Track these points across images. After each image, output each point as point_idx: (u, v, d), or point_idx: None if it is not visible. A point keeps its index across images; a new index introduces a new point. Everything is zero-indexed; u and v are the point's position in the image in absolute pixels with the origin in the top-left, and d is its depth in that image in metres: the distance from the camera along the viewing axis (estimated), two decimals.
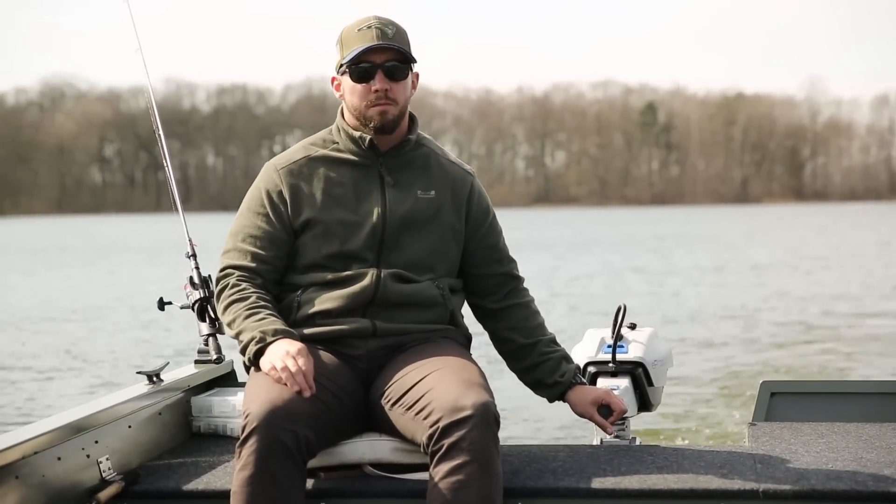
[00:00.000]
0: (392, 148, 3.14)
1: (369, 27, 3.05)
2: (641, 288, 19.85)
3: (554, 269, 25.35)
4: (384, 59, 3.04)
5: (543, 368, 3.22)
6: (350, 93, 3.08)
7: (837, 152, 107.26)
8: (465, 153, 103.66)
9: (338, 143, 3.17)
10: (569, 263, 27.34)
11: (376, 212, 3.10)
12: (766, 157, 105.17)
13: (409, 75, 3.09)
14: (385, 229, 3.09)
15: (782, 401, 3.76)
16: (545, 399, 3.28)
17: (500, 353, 3.30)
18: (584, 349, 3.54)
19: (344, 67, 3.07)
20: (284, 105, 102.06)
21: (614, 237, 41.92)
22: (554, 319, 13.53)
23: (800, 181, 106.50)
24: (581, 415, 3.22)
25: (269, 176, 3.17)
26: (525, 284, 3.32)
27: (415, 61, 3.09)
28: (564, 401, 3.24)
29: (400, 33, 3.08)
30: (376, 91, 3.04)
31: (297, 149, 3.21)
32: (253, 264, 3.09)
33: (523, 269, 3.31)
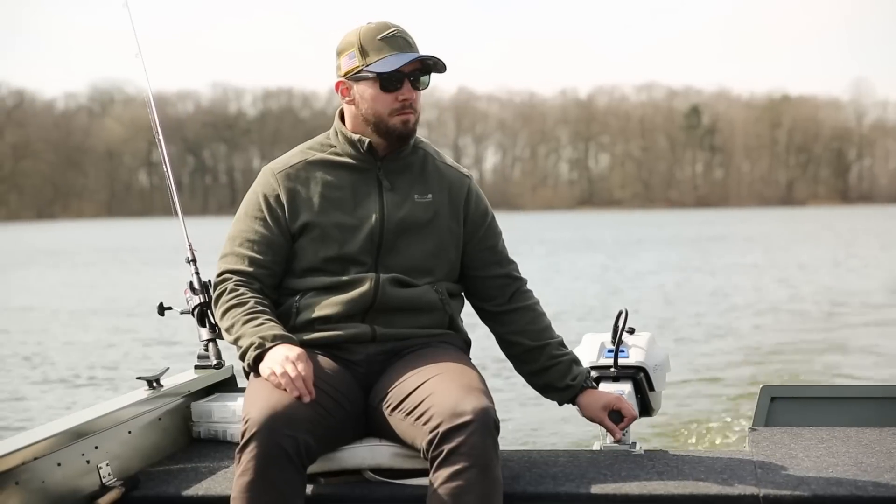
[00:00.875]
0: (390, 152, 3.15)
1: (392, 35, 3.05)
2: (674, 289, 19.82)
3: (605, 266, 25.21)
4: (412, 69, 3.05)
5: (554, 372, 3.21)
6: (372, 100, 3.07)
7: (884, 154, 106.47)
8: (509, 156, 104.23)
9: (335, 146, 3.17)
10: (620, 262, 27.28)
11: (374, 216, 3.10)
12: (811, 160, 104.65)
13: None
14: (383, 233, 3.09)
15: (783, 406, 3.75)
16: (555, 402, 3.27)
17: (508, 356, 3.29)
18: (583, 354, 3.53)
19: (369, 75, 3.05)
20: (329, 109, 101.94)
21: (660, 238, 41.75)
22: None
23: (845, 183, 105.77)
24: (591, 419, 3.22)
25: (266, 180, 3.17)
26: (528, 286, 3.32)
27: (444, 71, 3.09)
28: (575, 404, 3.24)
29: (414, 41, 3.09)
30: (403, 100, 3.05)
31: (295, 153, 3.21)
32: (251, 269, 3.09)
33: (577, 269, 3.30)
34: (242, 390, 3.75)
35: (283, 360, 2.84)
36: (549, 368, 3.22)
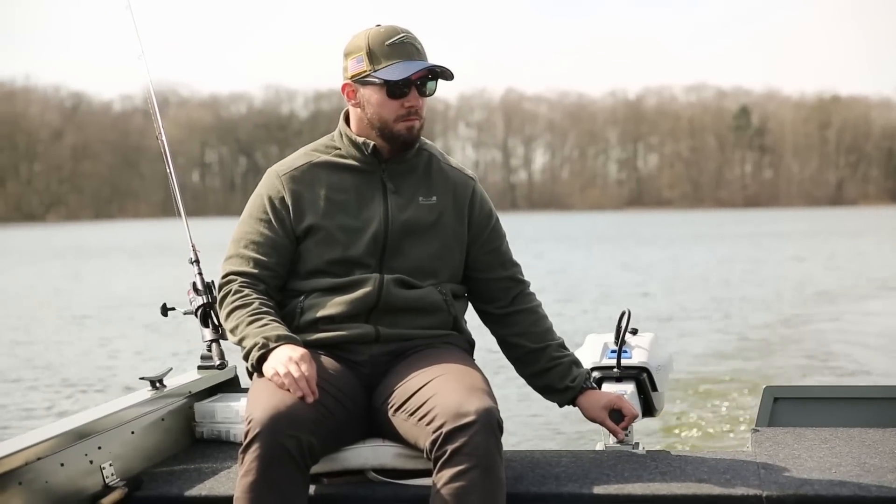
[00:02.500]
0: (394, 154, 3.15)
1: (401, 42, 3.04)
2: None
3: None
4: (419, 76, 3.04)
5: (554, 373, 3.22)
6: (378, 105, 3.07)
7: None
8: (558, 156, 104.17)
9: (340, 149, 3.17)
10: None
11: (378, 218, 3.10)
12: (861, 159, 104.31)
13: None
14: (387, 235, 3.09)
15: (786, 406, 3.75)
16: (555, 404, 3.27)
17: (509, 358, 3.30)
18: (586, 354, 3.53)
19: (377, 80, 3.05)
20: None
21: (711, 238, 41.68)
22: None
23: None
24: (592, 419, 3.22)
25: (271, 182, 3.17)
26: (531, 289, 3.32)
27: (451, 78, 3.09)
28: (575, 405, 3.24)
29: (423, 47, 3.09)
30: (409, 107, 3.05)
31: (299, 155, 3.21)
32: (255, 270, 3.09)
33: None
34: (245, 391, 3.75)
35: (287, 360, 2.84)
36: (550, 370, 3.22)
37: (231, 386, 3.95)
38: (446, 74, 3.08)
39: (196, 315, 3.74)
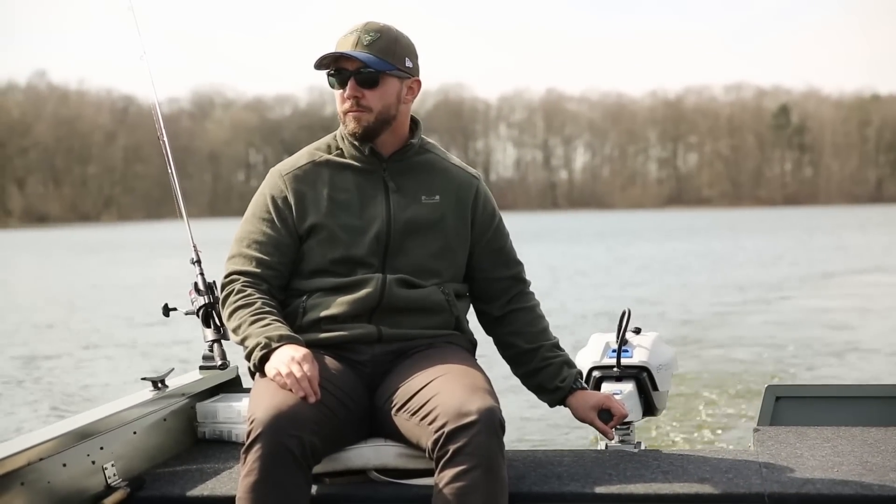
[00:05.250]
0: (395, 153, 3.15)
1: (352, 33, 3.05)
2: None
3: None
4: (356, 67, 3.03)
5: (545, 373, 3.22)
6: (335, 101, 3.09)
7: None
8: (598, 156, 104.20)
9: (342, 148, 3.17)
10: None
11: (381, 217, 3.10)
12: None
13: (388, 83, 3.04)
14: (390, 234, 3.09)
15: (788, 405, 3.75)
16: (546, 404, 3.28)
17: (504, 358, 3.30)
18: (588, 354, 3.53)
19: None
20: (422, 110, 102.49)
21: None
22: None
23: None
24: (582, 420, 3.22)
25: (273, 181, 3.17)
26: (531, 288, 3.32)
27: (386, 70, 3.03)
28: (565, 406, 3.24)
29: (382, 41, 3.04)
30: (346, 98, 3.05)
31: (302, 154, 3.21)
32: (258, 270, 3.09)
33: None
34: (247, 391, 3.75)
35: (289, 360, 2.84)
36: (541, 370, 3.22)
37: (233, 386, 3.95)
38: (368, 62, 2.99)
39: (198, 315, 3.74)
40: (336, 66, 3.05)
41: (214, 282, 3.66)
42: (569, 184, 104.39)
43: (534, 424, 7.75)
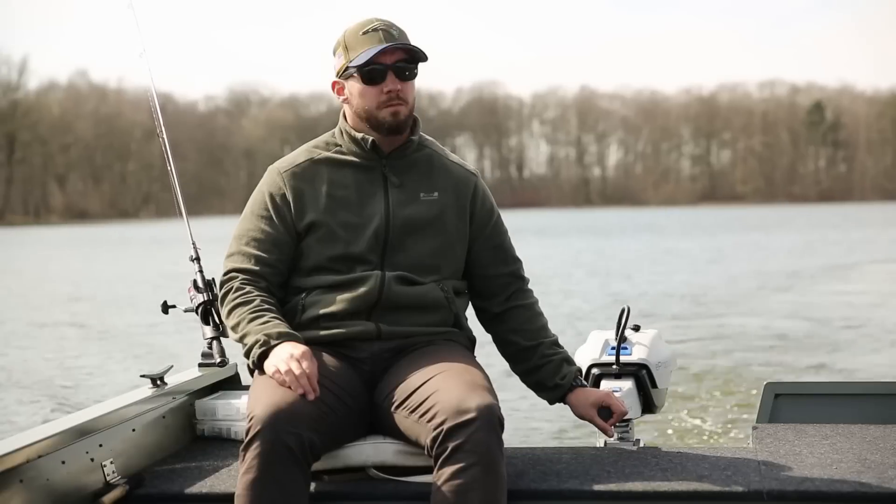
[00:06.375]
0: (395, 149, 3.15)
1: (375, 29, 3.05)
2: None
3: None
4: (394, 60, 3.05)
5: (544, 371, 3.22)
6: (360, 95, 3.08)
7: None
8: (631, 153, 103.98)
9: (340, 145, 3.17)
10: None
11: (380, 214, 3.10)
12: None
13: (417, 75, 3.10)
14: (389, 231, 3.09)
15: (786, 402, 3.75)
16: (546, 401, 3.28)
17: (503, 355, 3.30)
18: (587, 351, 3.53)
19: (352, 70, 3.07)
20: (455, 108, 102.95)
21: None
22: None
23: None
24: (581, 417, 3.22)
25: (272, 179, 3.17)
26: (530, 286, 3.32)
27: (425, 59, 3.09)
28: (565, 403, 3.24)
29: (403, 34, 3.09)
30: (388, 92, 3.05)
31: (300, 152, 3.21)
32: (257, 267, 3.09)
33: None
34: (246, 388, 3.75)
35: (288, 357, 2.84)
36: (541, 367, 3.22)
37: (232, 383, 3.95)
38: (417, 54, 3.06)
39: (197, 312, 3.74)
40: (375, 61, 3.04)
41: (213, 279, 3.66)
42: (602, 181, 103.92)
43: (533, 421, 7.76)
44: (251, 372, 3.02)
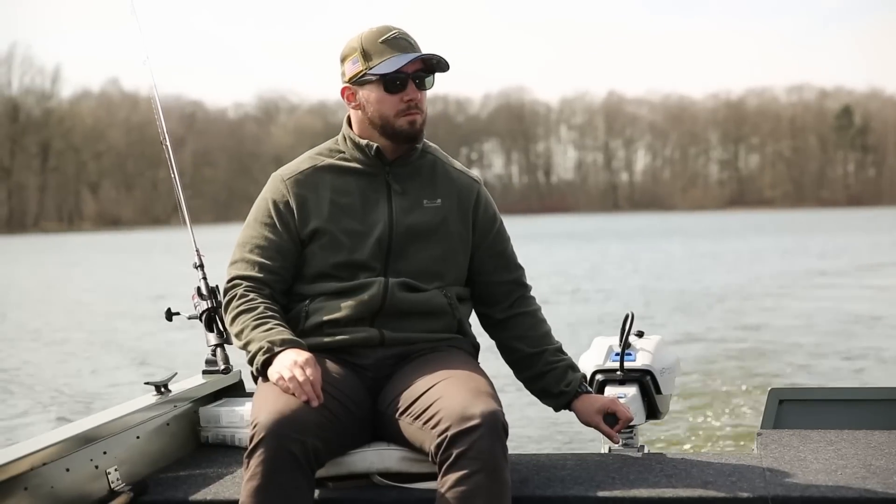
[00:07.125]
0: (399, 157, 3.15)
1: (394, 37, 3.06)
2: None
3: None
4: (414, 69, 3.05)
5: (549, 378, 3.22)
6: (377, 102, 3.08)
7: None
8: (659, 158, 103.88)
9: (344, 152, 3.18)
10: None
11: (383, 221, 3.10)
12: None
13: (434, 85, 3.12)
14: (392, 238, 3.10)
15: (791, 408, 3.75)
16: (552, 408, 3.28)
17: (507, 362, 3.30)
18: (591, 357, 3.53)
19: (372, 77, 3.07)
20: (483, 113, 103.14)
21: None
22: None
23: None
24: (587, 423, 3.22)
25: (275, 186, 3.17)
26: (532, 293, 3.32)
27: (447, 69, 3.10)
28: (570, 410, 3.24)
29: (417, 43, 3.10)
30: (408, 101, 3.06)
31: (304, 159, 3.22)
32: (260, 275, 3.09)
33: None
34: (250, 395, 3.76)
35: (292, 364, 2.84)
36: (545, 374, 3.22)
37: (236, 390, 3.95)
38: (441, 65, 3.08)
39: (201, 319, 3.74)
40: (400, 69, 3.04)
41: (217, 286, 3.66)
42: (630, 186, 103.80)
43: (535, 429, 7.75)
44: (255, 379, 3.03)
